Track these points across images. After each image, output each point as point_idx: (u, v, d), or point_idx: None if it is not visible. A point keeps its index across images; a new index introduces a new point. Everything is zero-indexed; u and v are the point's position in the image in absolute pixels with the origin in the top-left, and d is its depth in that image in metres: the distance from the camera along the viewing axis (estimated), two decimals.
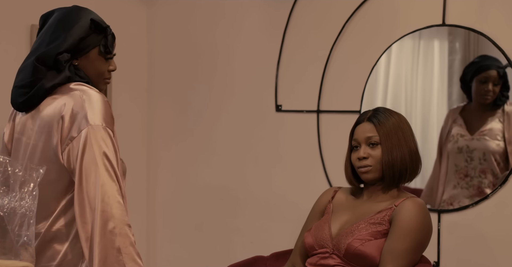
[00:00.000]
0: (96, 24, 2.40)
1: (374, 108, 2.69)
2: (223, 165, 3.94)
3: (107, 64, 2.46)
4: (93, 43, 2.41)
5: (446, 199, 3.29)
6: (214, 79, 3.98)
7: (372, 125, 2.60)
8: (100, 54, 2.42)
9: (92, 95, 2.33)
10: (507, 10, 3.11)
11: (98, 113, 2.29)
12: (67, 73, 2.37)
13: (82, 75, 2.40)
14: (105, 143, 2.27)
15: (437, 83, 3.41)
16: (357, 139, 2.62)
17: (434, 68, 3.43)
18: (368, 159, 2.57)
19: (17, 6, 3.72)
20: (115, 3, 4.09)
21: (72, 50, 2.38)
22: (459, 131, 3.28)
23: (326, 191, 2.81)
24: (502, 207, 3.10)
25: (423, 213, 2.54)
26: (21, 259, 2.22)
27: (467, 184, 3.23)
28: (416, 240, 2.51)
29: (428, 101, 3.43)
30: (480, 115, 3.26)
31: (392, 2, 3.39)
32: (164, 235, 4.17)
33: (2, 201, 2.25)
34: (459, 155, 3.27)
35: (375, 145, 2.58)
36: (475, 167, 3.22)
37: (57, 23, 2.43)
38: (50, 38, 2.40)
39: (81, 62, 2.41)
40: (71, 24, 2.40)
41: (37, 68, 2.37)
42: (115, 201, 2.23)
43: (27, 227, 2.22)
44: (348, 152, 2.67)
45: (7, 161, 2.25)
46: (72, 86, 2.36)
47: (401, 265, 2.48)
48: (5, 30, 3.70)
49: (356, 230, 2.54)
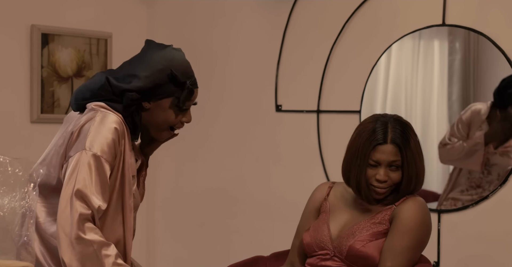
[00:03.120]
0: (174, 76, 2.33)
1: (391, 124, 2.55)
2: (223, 165, 3.94)
3: (180, 115, 2.38)
4: (167, 93, 2.33)
5: (451, 198, 3.28)
6: (214, 79, 3.98)
7: (397, 149, 2.52)
8: (173, 105, 2.35)
9: (103, 119, 2.26)
10: (507, 10, 3.11)
11: (99, 140, 2.23)
12: (120, 108, 2.29)
13: (136, 120, 2.33)
14: (85, 175, 2.20)
15: (437, 83, 3.41)
16: (378, 160, 2.52)
17: (434, 68, 3.43)
18: (387, 181, 2.53)
19: (17, 6, 3.72)
20: (115, 3, 4.09)
21: (144, 93, 2.31)
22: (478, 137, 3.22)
23: (319, 187, 2.77)
24: (502, 207, 3.09)
25: (423, 211, 2.54)
26: (21, 259, 2.22)
27: (477, 194, 3.19)
28: (416, 238, 2.51)
29: (428, 101, 3.43)
30: (507, 127, 3.17)
31: (392, 2, 3.39)
32: (164, 235, 4.17)
33: (2, 201, 2.25)
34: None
35: (397, 168, 2.53)
36: (491, 181, 3.17)
37: (142, 58, 2.37)
38: (129, 71, 2.34)
39: (152, 107, 2.34)
40: (153, 66, 2.33)
41: (105, 87, 2.31)
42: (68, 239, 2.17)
43: (27, 227, 2.22)
44: (364, 166, 2.54)
45: (7, 161, 2.25)
46: (93, 106, 2.30)
47: (400, 262, 2.48)
48: (5, 30, 3.70)
49: (357, 231, 2.53)
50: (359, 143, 2.54)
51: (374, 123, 2.54)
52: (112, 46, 4.03)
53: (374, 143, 2.51)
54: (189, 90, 2.37)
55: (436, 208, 3.28)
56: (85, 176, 2.20)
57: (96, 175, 2.21)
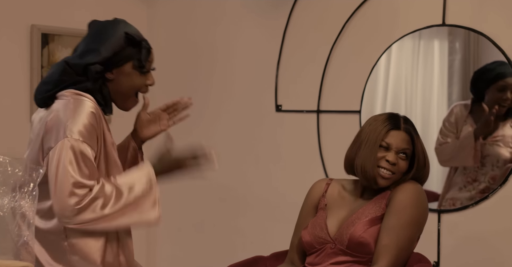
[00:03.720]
0: (130, 37, 2.39)
1: (403, 118, 2.63)
2: (223, 165, 3.93)
3: (143, 78, 2.45)
4: (127, 57, 2.39)
5: (449, 199, 3.28)
6: (214, 79, 3.98)
7: (410, 138, 2.59)
8: (135, 68, 2.41)
9: (78, 104, 2.31)
10: (507, 10, 3.11)
11: (78, 126, 2.28)
12: (89, 84, 2.36)
13: (105, 93, 2.39)
14: (72, 162, 2.25)
15: (437, 83, 3.41)
16: (391, 143, 2.57)
17: (434, 68, 3.43)
18: (395, 166, 2.56)
19: (17, 6, 3.72)
20: (115, 3, 4.09)
21: (105, 63, 2.36)
22: (467, 133, 3.24)
23: (317, 184, 2.78)
24: (502, 207, 3.10)
25: (418, 191, 2.56)
26: (21, 259, 2.22)
27: (474, 188, 3.20)
28: (411, 216, 2.52)
29: (428, 101, 3.43)
30: (488, 124, 3.19)
31: (392, 2, 3.39)
32: (164, 235, 4.17)
33: (2, 201, 2.25)
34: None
35: (406, 157, 2.57)
36: (486, 172, 3.19)
37: (93, 35, 2.42)
38: (85, 49, 2.40)
39: (116, 76, 2.40)
40: (106, 37, 2.39)
41: (66, 70, 2.37)
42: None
43: (27, 227, 2.23)
44: (375, 148, 2.57)
45: (7, 161, 2.25)
46: (66, 93, 2.34)
47: (396, 240, 2.48)
48: (5, 30, 3.70)
49: (356, 219, 2.55)
50: (370, 129, 2.60)
51: (386, 115, 2.63)
52: None
53: (388, 127, 2.58)
54: (147, 50, 2.45)
55: (436, 208, 3.27)
56: (72, 162, 2.25)
57: (81, 159, 2.26)
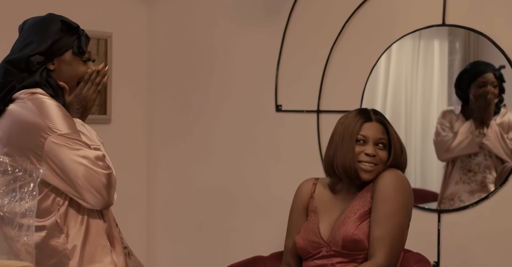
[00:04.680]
0: (66, 24, 2.39)
1: (372, 110, 2.70)
2: (223, 164, 3.94)
3: (85, 67, 2.44)
4: (66, 45, 2.39)
5: (448, 195, 3.30)
6: (214, 79, 3.98)
7: (383, 128, 2.64)
8: (75, 55, 2.40)
9: (42, 102, 2.29)
10: (507, 10, 3.11)
11: (56, 120, 2.26)
12: (37, 78, 2.34)
13: (52, 82, 2.38)
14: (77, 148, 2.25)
15: (437, 83, 3.41)
16: (367, 135, 2.62)
17: (434, 68, 3.43)
18: (375, 157, 2.60)
19: (17, 6, 3.72)
20: (115, 3, 4.09)
21: (45, 53, 2.36)
22: (463, 130, 3.28)
23: (304, 185, 2.79)
24: (502, 206, 3.10)
25: (399, 177, 2.58)
26: (21, 259, 2.22)
27: (470, 179, 3.24)
28: (397, 203, 2.54)
29: (428, 101, 3.43)
30: (481, 117, 3.26)
31: (392, 2, 3.39)
32: (164, 235, 4.17)
33: (2, 201, 2.25)
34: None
35: (383, 147, 2.62)
36: (480, 162, 3.23)
37: (29, 28, 2.43)
38: (22, 43, 2.40)
39: (57, 66, 2.39)
40: (43, 28, 2.39)
41: (8, 71, 2.35)
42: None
43: (27, 227, 2.22)
44: (352, 143, 2.61)
45: (7, 161, 2.25)
46: (20, 96, 2.31)
47: (386, 229, 2.50)
48: (5, 30, 3.70)
49: (346, 218, 2.56)
50: (343, 127, 2.65)
51: (356, 111, 2.69)
52: (112, 46, 4.03)
53: (361, 120, 2.63)
54: (85, 36, 2.44)
55: (436, 208, 3.28)
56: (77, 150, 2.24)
57: (77, 146, 2.25)
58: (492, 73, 3.19)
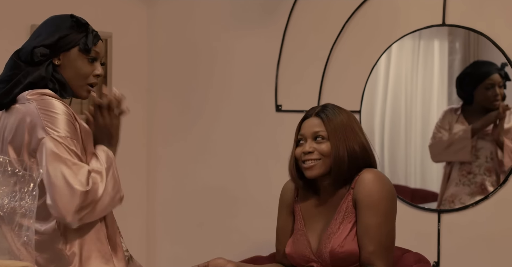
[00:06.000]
0: (76, 21, 2.38)
1: (322, 105, 2.63)
2: (223, 164, 3.94)
3: (91, 67, 2.40)
4: (73, 41, 2.36)
5: (448, 196, 3.29)
6: (214, 79, 3.98)
7: (320, 120, 2.55)
8: (81, 52, 2.37)
9: (48, 104, 2.27)
10: (507, 10, 3.11)
11: (57, 123, 2.24)
12: (42, 72, 2.32)
13: (58, 77, 2.35)
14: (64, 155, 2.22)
15: (437, 83, 3.41)
16: (304, 133, 2.56)
17: (434, 68, 3.43)
18: (314, 153, 2.52)
19: (17, 6, 3.73)
20: (115, 3, 4.09)
21: (51, 47, 2.34)
22: (462, 129, 3.28)
23: (286, 187, 2.75)
24: (502, 207, 3.10)
25: (381, 181, 2.48)
26: (21, 259, 2.22)
27: (469, 181, 3.23)
28: (385, 211, 2.45)
29: (428, 101, 3.43)
30: (483, 116, 3.25)
31: (392, 2, 3.39)
32: (164, 235, 4.17)
33: (2, 201, 2.25)
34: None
35: (322, 139, 2.53)
36: (481, 165, 3.22)
37: (42, 24, 2.43)
38: (32, 37, 2.40)
39: (63, 61, 2.37)
40: (53, 23, 2.40)
41: (16, 64, 2.35)
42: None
43: (27, 227, 2.22)
44: (293, 147, 2.60)
45: (7, 161, 2.25)
46: (28, 96, 2.30)
47: (380, 241, 2.43)
48: (5, 30, 3.70)
49: (331, 234, 2.49)
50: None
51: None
52: (112, 46, 4.03)
53: (300, 121, 2.60)
54: (94, 34, 2.41)
55: (436, 208, 3.28)
56: (68, 157, 2.22)
57: (65, 155, 2.23)
58: (498, 74, 3.17)
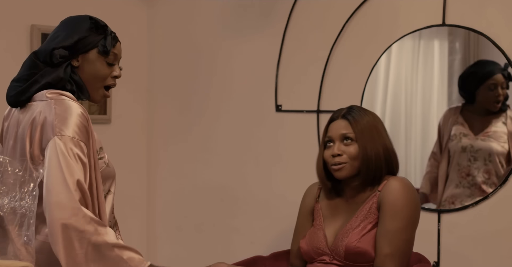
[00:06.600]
0: (94, 22, 2.38)
1: (348, 107, 2.66)
2: (223, 165, 3.94)
3: (109, 69, 2.41)
4: (92, 43, 2.37)
5: (448, 198, 3.29)
6: (214, 79, 3.98)
7: (347, 122, 2.59)
8: (100, 54, 2.38)
9: (65, 105, 2.27)
10: (507, 10, 3.11)
11: (69, 124, 2.23)
12: (61, 73, 2.33)
13: (76, 79, 2.36)
14: (68, 159, 2.19)
15: (437, 83, 3.41)
16: (331, 135, 2.59)
17: (434, 68, 3.43)
18: (343, 156, 2.55)
19: (17, 6, 3.73)
20: (115, 3, 4.09)
21: (70, 48, 2.34)
22: (461, 131, 3.28)
23: (309, 189, 2.79)
24: (502, 207, 3.10)
25: (408, 189, 2.52)
26: (21, 259, 2.22)
27: (469, 183, 3.23)
28: (407, 218, 2.49)
29: (428, 101, 3.43)
30: (483, 117, 3.26)
31: (392, 2, 3.39)
32: (164, 235, 4.17)
33: (2, 201, 2.25)
34: (462, 154, 3.27)
35: (350, 141, 2.56)
36: (479, 167, 3.22)
37: (60, 24, 2.43)
38: (51, 38, 2.39)
39: (81, 63, 2.37)
40: (73, 24, 2.39)
41: (34, 63, 2.35)
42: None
43: (27, 227, 2.22)
44: (321, 149, 2.64)
45: (7, 161, 2.25)
46: (48, 95, 2.30)
47: (397, 245, 2.46)
48: (5, 30, 3.70)
49: (350, 229, 2.53)
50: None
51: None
52: None
53: (327, 123, 2.63)
54: (113, 37, 2.42)
55: (436, 208, 3.28)
56: (71, 162, 2.20)
57: (78, 159, 2.21)
58: (501, 74, 3.18)
